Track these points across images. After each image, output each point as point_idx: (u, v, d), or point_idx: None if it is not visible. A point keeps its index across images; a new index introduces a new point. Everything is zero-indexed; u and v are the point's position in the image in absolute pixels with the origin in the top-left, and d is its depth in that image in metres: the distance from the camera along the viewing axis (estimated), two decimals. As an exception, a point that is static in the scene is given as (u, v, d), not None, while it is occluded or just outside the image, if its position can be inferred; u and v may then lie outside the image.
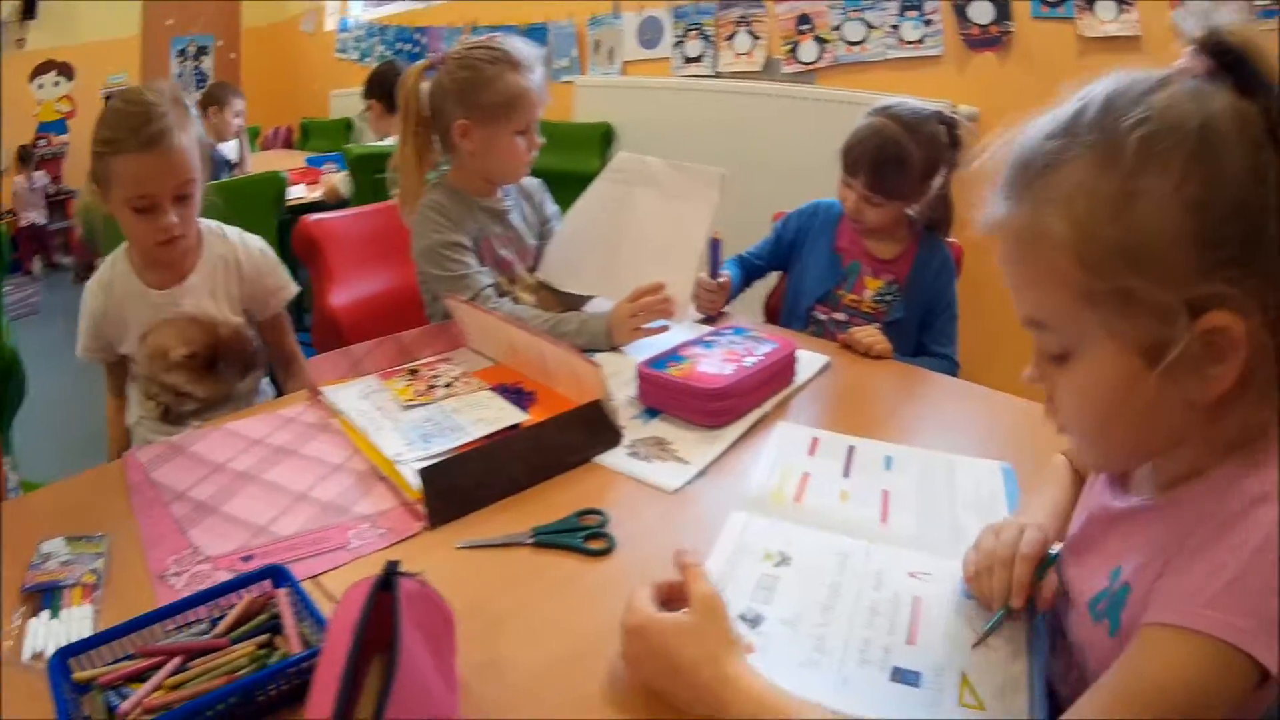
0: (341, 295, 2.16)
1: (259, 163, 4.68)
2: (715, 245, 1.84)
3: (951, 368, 1.93)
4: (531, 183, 1.97)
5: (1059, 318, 0.73)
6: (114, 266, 1.71)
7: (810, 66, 3.66)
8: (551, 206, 2.01)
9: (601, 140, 4.36)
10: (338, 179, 3.87)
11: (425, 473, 1.09)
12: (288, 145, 6.69)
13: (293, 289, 1.87)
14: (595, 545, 1.03)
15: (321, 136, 6.27)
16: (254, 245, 1.81)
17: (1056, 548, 0.95)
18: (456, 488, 1.10)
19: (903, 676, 0.88)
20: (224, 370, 1.70)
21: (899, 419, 1.52)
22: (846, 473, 1.28)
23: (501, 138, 1.72)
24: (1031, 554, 0.92)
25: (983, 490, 1.24)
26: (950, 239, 2.04)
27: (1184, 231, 0.64)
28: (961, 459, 1.32)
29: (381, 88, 4.24)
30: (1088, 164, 0.67)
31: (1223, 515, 0.69)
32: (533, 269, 1.91)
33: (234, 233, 1.80)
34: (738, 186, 1.73)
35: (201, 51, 7.13)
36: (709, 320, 1.87)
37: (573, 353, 1.39)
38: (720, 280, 1.89)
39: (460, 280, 1.71)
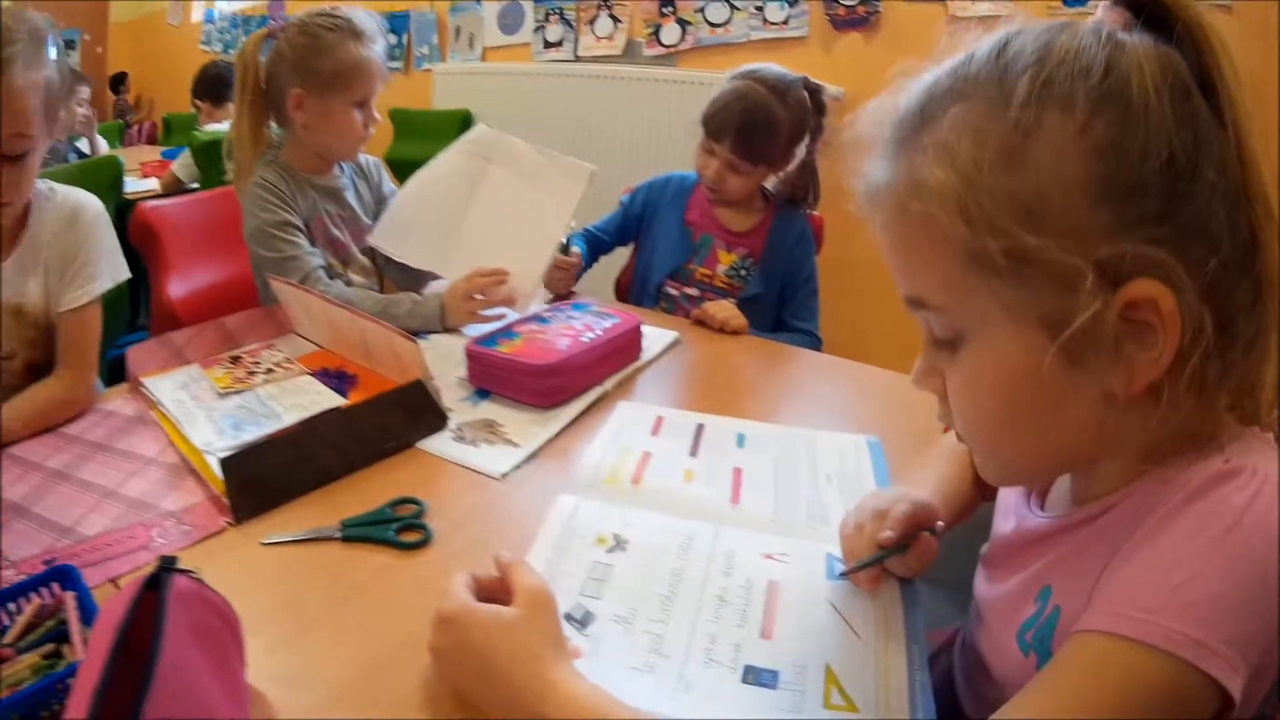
0: (180, 286, 2.00)
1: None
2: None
3: (813, 343, 1.83)
4: (368, 161, 1.86)
5: (945, 291, 0.61)
6: None
7: (672, 49, 3.59)
8: (389, 186, 1.91)
9: (460, 128, 4.15)
10: (175, 165, 3.65)
11: (227, 462, 1.00)
12: (151, 141, 6.37)
13: (101, 283, 1.39)
14: (409, 537, 0.94)
15: (184, 131, 5.93)
16: (88, 212, 1.39)
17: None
18: (261, 478, 1.01)
19: (757, 677, 0.74)
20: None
21: (755, 396, 1.41)
22: (694, 452, 1.14)
23: (337, 110, 1.62)
24: (918, 504, 0.80)
25: (847, 466, 1.11)
26: (813, 212, 1.96)
27: (1090, 179, 0.54)
28: (823, 434, 1.20)
29: (208, 88, 4.14)
30: (974, 107, 0.57)
31: (1175, 501, 0.56)
32: (367, 250, 1.81)
33: (66, 193, 1.39)
34: (598, 172, 1.65)
35: (69, 46, 6.93)
36: (559, 299, 1.74)
37: (391, 330, 1.26)
38: (571, 256, 1.79)
39: (289, 262, 1.59)
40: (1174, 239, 0.53)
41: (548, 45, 4.07)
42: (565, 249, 1.76)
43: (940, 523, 0.82)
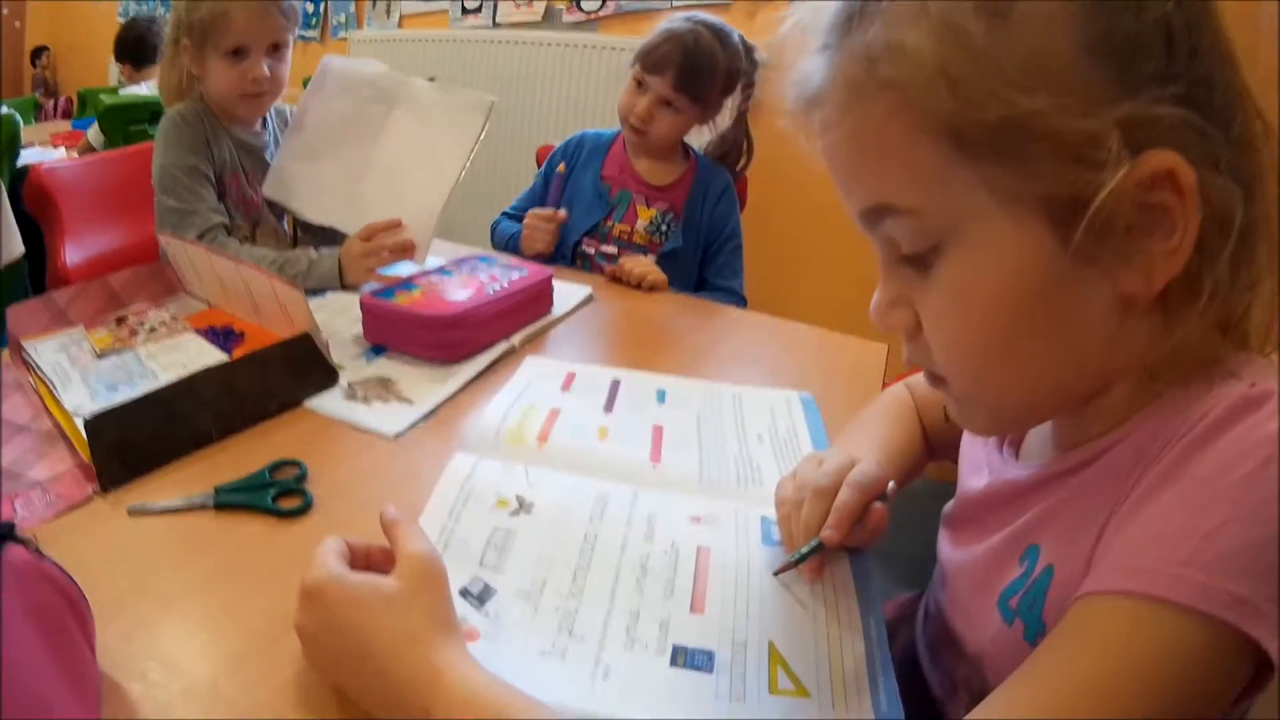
0: (77, 252, 1.88)
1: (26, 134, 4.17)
2: (557, 176, 1.74)
3: (738, 302, 1.73)
4: (288, 111, 1.75)
5: (920, 187, 0.50)
6: None
7: (592, 15, 3.47)
8: None
9: None
10: (90, 133, 3.50)
11: (92, 424, 0.89)
12: (67, 115, 6.17)
13: None
14: (288, 504, 0.85)
15: (108, 113, 5.75)
16: None
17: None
18: (130, 441, 0.92)
19: (689, 658, 0.62)
20: None
21: (675, 352, 1.30)
22: (609, 408, 1.02)
23: (211, 61, 1.55)
24: (864, 483, 0.68)
25: (779, 423, 1.00)
26: (744, 172, 1.88)
27: (1087, 32, 0.46)
28: (751, 389, 1.10)
29: (129, 49, 3.96)
30: None
31: (1196, 434, 0.47)
32: (283, 215, 1.71)
33: None
34: (519, 140, 1.57)
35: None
36: (541, 261, 1.63)
37: (274, 279, 1.15)
38: (559, 212, 1.72)
39: (189, 215, 1.50)
40: (1185, 107, 0.45)
41: (465, 12, 3.93)
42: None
43: (892, 484, 0.71)
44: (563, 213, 1.73)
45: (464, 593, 0.67)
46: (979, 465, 0.68)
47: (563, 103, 3.46)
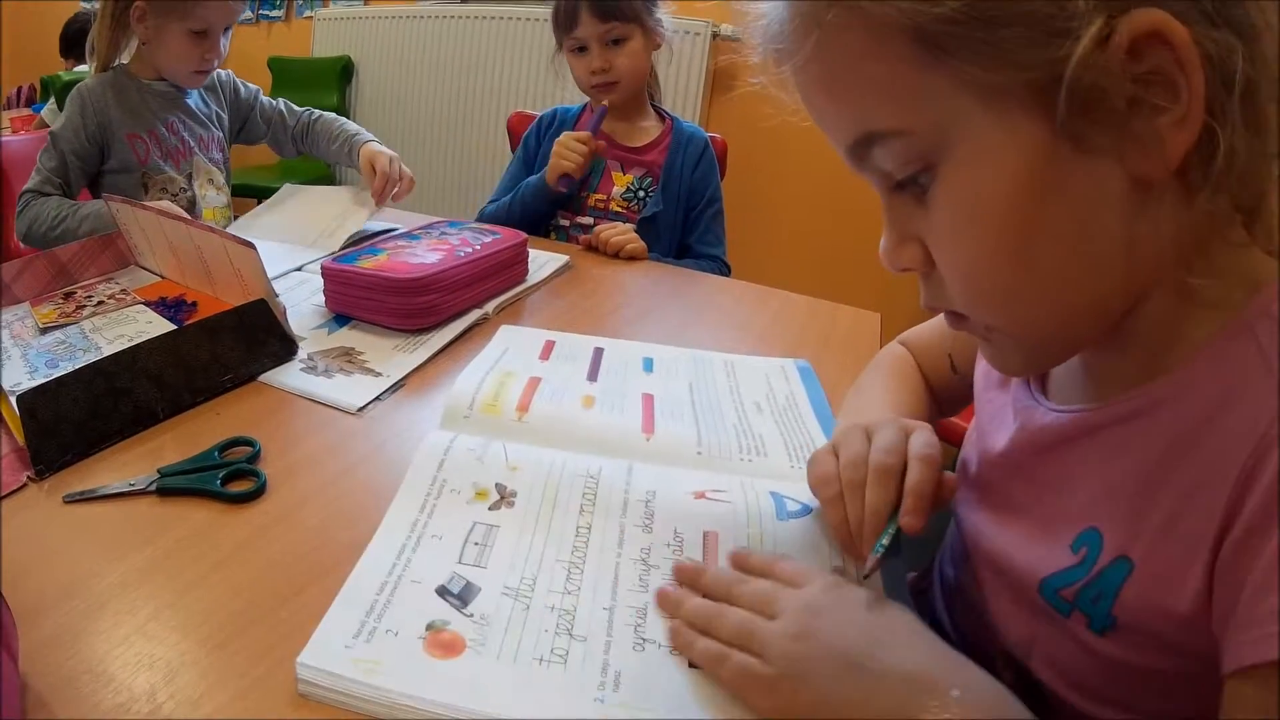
0: None
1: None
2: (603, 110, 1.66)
3: (722, 270, 1.66)
4: (217, 75, 1.75)
5: (901, 105, 0.46)
6: None
7: (561, -11, 3.40)
8: (249, 89, 1.82)
9: (340, 75, 4.15)
10: (44, 112, 3.49)
11: (24, 401, 0.82)
12: (30, 103, 6.05)
13: None
14: (238, 487, 0.78)
15: (64, 89, 5.71)
16: None
17: None
18: (67, 420, 0.84)
19: None
20: None
21: (659, 320, 1.22)
22: (593, 376, 0.94)
23: (172, 34, 1.54)
24: (935, 455, 0.61)
25: (777, 392, 0.93)
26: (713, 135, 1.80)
27: None
28: (743, 358, 1.02)
29: (72, 45, 3.96)
30: None
31: None
32: (220, 162, 1.74)
33: None
34: (488, 117, 1.55)
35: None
36: (567, 185, 1.62)
37: (226, 237, 1.06)
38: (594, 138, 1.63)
39: (37, 174, 1.54)
40: None
41: (433, -13, 3.85)
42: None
43: None
44: (602, 143, 1.65)
45: (442, 592, 0.59)
46: (1001, 414, 0.61)
47: (529, 78, 3.43)
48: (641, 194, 1.66)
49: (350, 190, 1.62)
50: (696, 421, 0.85)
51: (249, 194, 3.54)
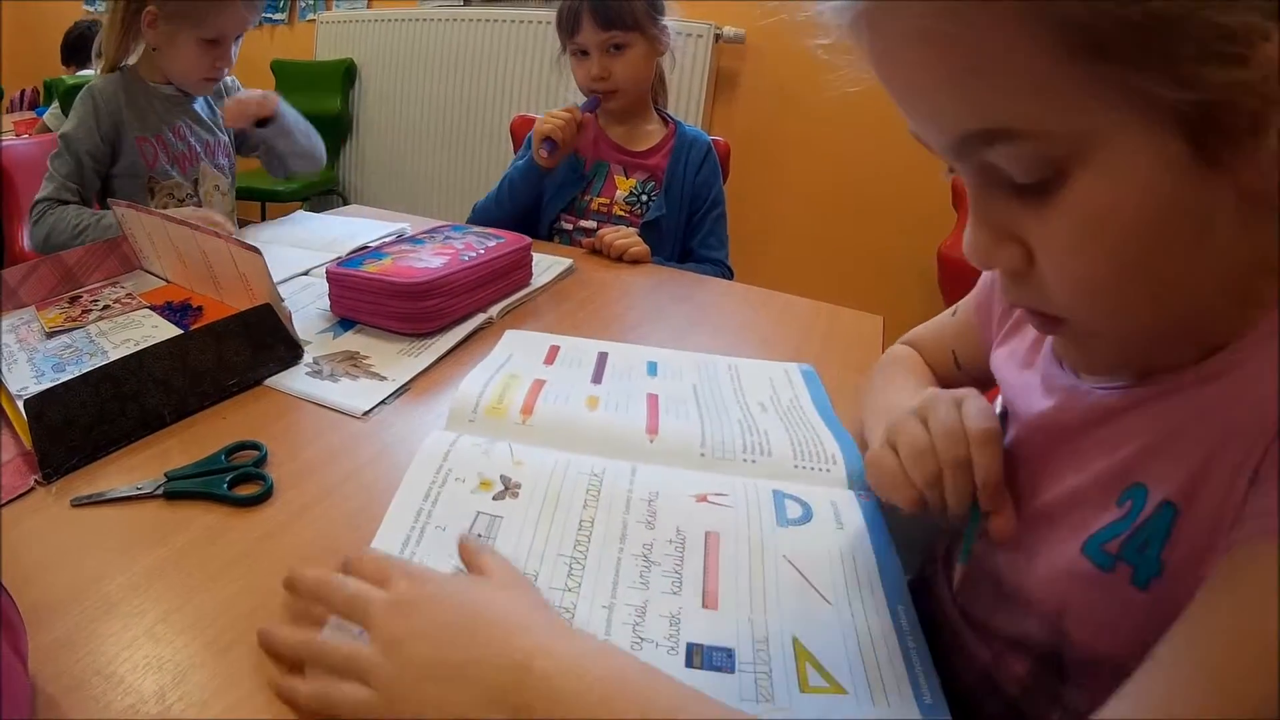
0: None
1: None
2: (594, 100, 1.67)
3: (725, 273, 1.67)
4: (225, 81, 1.75)
5: (1048, 105, 0.42)
6: None
7: (563, -9, 3.42)
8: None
9: (344, 78, 4.17)
10: (46, 117, 3.50)
11: (32, 405, 0.83)
12: (33, 106, 6.12)
13: None
14: (245, 490, 0.78)
15: (67, 93, 5.69)
16: None
17: None
18: (75, 424, 0.85)
19: (706, 657, 0.55)
20: None
21: (663, 324, 1.23)
22: (597, 379, 0.95)
23: (184, 41, 1.54)
24: (994, 430, 0.59)
25: (781, 394, 0.93)
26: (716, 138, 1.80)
27: None
28: (747, 361, 1.03)
29: (74, 52, 3.97)
30: None
31: None
32: (224, 168, 1.74)
33: None
34: (490, 119, 1.53)
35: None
36: (550, 159, 1.61)
37: (231, 242, 1.07)
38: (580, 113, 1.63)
39: (50, 180, 1.53)
40: None
41: (436, -10, 3.88)
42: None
43: None
44: (589, 116, 1.66)
45: None
46: (1026, 393, 0.61)
47: (531, 80, 3.45)
48: (644, 198, 1.67)
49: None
50: (702, 420, 0.85)
51: (252, 198, 3.56)
